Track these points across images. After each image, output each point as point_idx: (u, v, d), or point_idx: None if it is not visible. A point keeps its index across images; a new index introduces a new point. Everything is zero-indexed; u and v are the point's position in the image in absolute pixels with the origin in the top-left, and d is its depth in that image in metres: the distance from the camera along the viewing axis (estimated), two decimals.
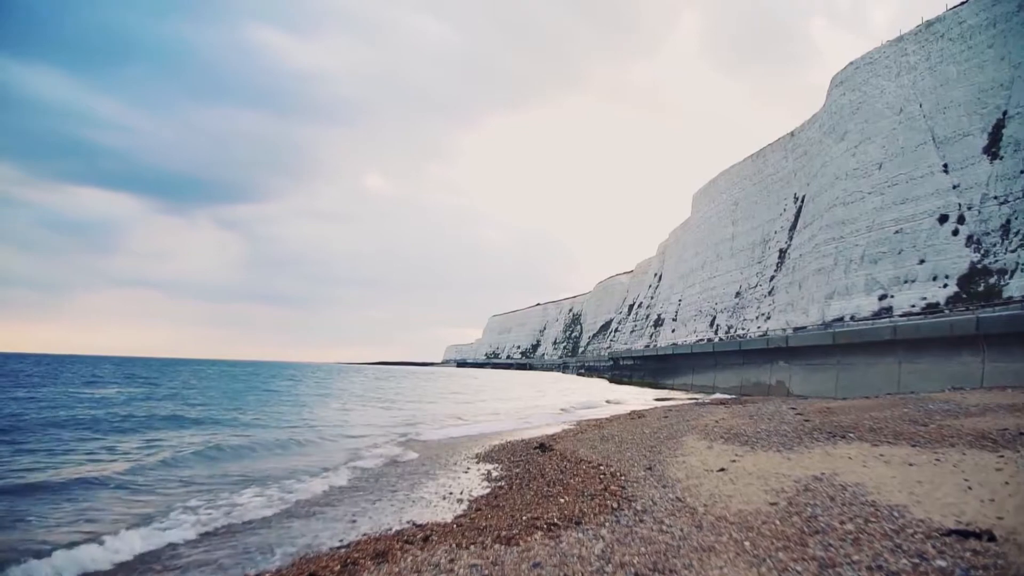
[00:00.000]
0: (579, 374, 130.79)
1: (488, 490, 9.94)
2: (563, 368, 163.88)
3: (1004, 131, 39.82)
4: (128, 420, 22.05)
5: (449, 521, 7.87)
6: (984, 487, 7.04)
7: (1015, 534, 5.34)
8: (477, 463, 12.98)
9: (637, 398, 42.14)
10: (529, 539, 6.29)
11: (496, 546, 6.15)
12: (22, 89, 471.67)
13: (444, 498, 9.74)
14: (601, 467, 10.64)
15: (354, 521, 8.63)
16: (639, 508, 7.36)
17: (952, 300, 37.81)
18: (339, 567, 6.07)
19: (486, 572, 5.34)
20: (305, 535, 8.08)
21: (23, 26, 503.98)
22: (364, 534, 7.71)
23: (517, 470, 11.47)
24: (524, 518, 7.37)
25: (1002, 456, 8.61)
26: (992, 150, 40.34)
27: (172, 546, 7.79)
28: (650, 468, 10.07)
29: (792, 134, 73.06)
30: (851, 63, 55.72)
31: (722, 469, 9.34)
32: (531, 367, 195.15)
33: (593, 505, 7.75)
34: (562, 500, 8.27)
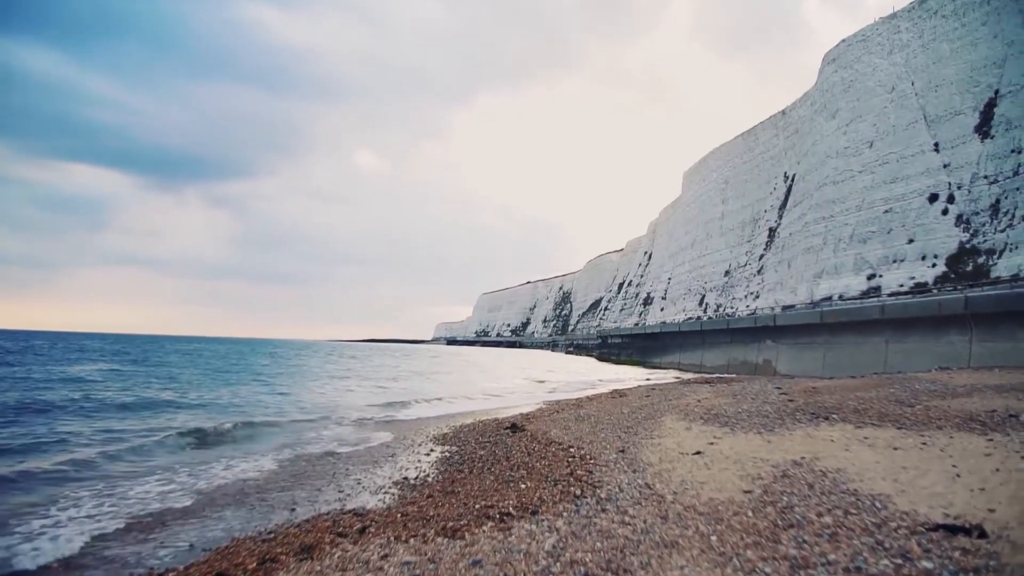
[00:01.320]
0: (568, 352, 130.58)
1: (446, 475, 9.33)
2: (552, 346, 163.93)
3: (996, 110, 39.29)
4: (84, 402, 20.34)
5: (395, 509, 7.30)
6: (973, 474, 6.53)
7: (1007, 530, 4.81)
8: (442, 445, 12.34)
9: (622, 376, 41.80)
10: (477, 531, 5.75)
11: (438, 539, 5.61)
12: (14, 65, 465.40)
13: (397, 483, 9.11)
14: (571, 449, 10.14)
15: (293, 509, 8.03)
16: (603, 496, 6.84)
17: (940, 280, 37.49)
18: (255, 564, 5.46)
19: (418, 572, 4.78)
20: (233, 525, 7.46)
21: (16, 2, 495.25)
22: (297, 524, 7.09)
23: (482, 452, 10.89)
24: (477, 506, 6.86)
25: (991, 440, 8.11)
26: (983, 129, 39.84)
27: (74, 541, 7.00)
28: (623, 451, 9.56)
29: (783, 112, 72.33)
30: (843, 40, 54.89)
31: (698, 452, 8.83)
32: (521, 345, 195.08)
33: (555, 492, 7.24)
34: (523, 486, 7.76)
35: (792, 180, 64.09)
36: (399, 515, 6.91)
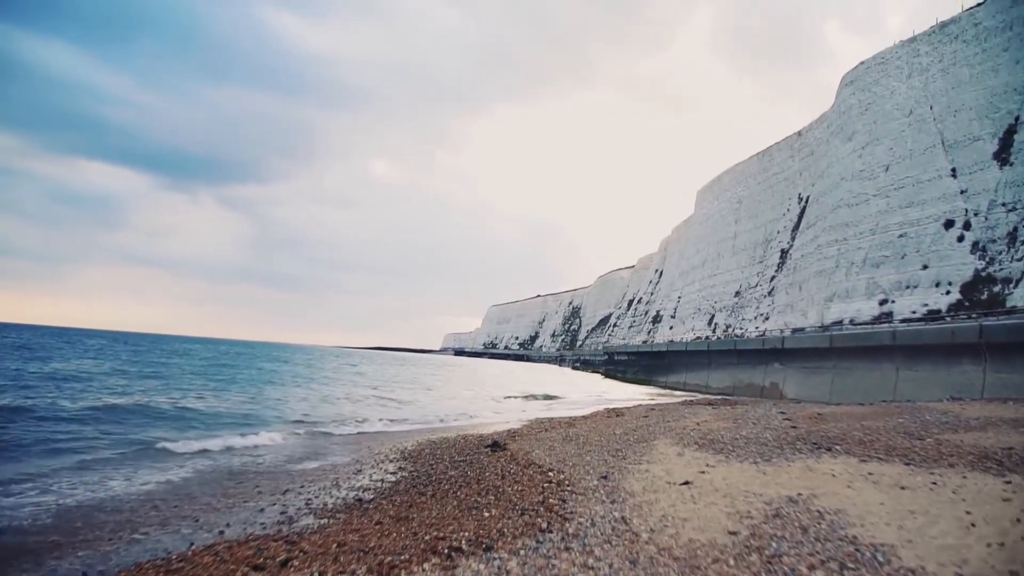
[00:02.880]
0: (574, 367, 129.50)
1: (406, 497, 8.57)
2: (560, 361, 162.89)
3: (1015, 136, 38.42)
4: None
5: (333, 537, 6.56)
6: (990, 524, 5.70)
7: None
8: (413, 463, 11.55)
9: (624, 394, 40.97)
10: (416, 569, 5.06)
11: None
12: (32, 62, 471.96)
13: (348, 506, 8.33)
14: (550, 473, 9.41)
15: (222, 532, 7.29)
16: (571, 531, 6.13)
17: (954, 307, 36.53)
18: None
19: None
20: (148, 548, 6.78)
21: None
22: (215, 550, 6.35)
23: (453, 472, 10.12)
24: (427, 538, 6.16)
25: (1009, 483, 7.26)
26: (1002, 156, 38.94)
27: None
28: (605, 477, 8.82)
29: (799, 133, 71.66)
30: (862, 63, 54.21)
31: (686, 483, 8.07)
32: (528, 359, 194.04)
33: (519, 523, 6.53)
34: (486, 514, 7.05)
35: (806, 202, 63.25)
36: (335, 544, 6.19)
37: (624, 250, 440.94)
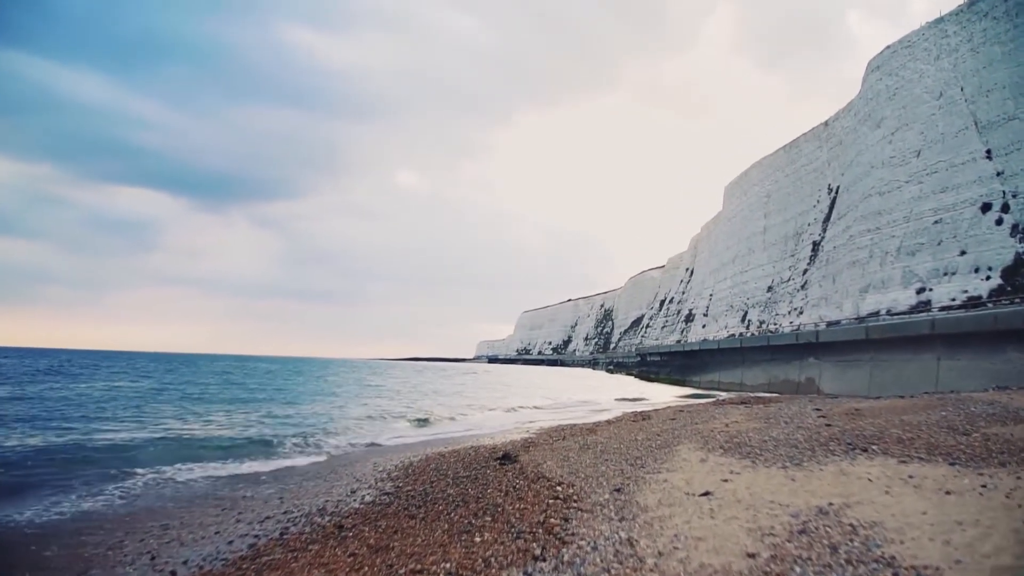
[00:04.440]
0: (608, 371, 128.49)
1: (393, 521, 8.03)
2: (593, 364, 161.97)
3: None
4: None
5: (299, 571, 6.24)
6: None
7: None
8: (411, 480, 10.99)
9: (654, 396, 40.37)
10: None
11: None
12: (65, 92, 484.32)
13: (327, 535, 7.73)
14: (559, 488, 8.82)
15: (174, 572, 6.97)
16: (567, 558, 5.57)
17: (996, 293, 35.44)
18: None
19: None
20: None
21: (65, 31, 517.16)
22: None
23: (451, 491, 9.52)
24: (403, 571, 5.75)
25: None
26: None
27: None
28: (619, 489, 8.25)
29: (826, 123, 70.50)
30: (888, 47, 53.11)
31: (706, 493, 7.55)
32: (562, 363, 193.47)
33: (511, 549, 6.08)
34: (477, 539, 6.60)
35: (836, 192, 62.11)
36: None
37: (654, 250, 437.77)
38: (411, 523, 7.78)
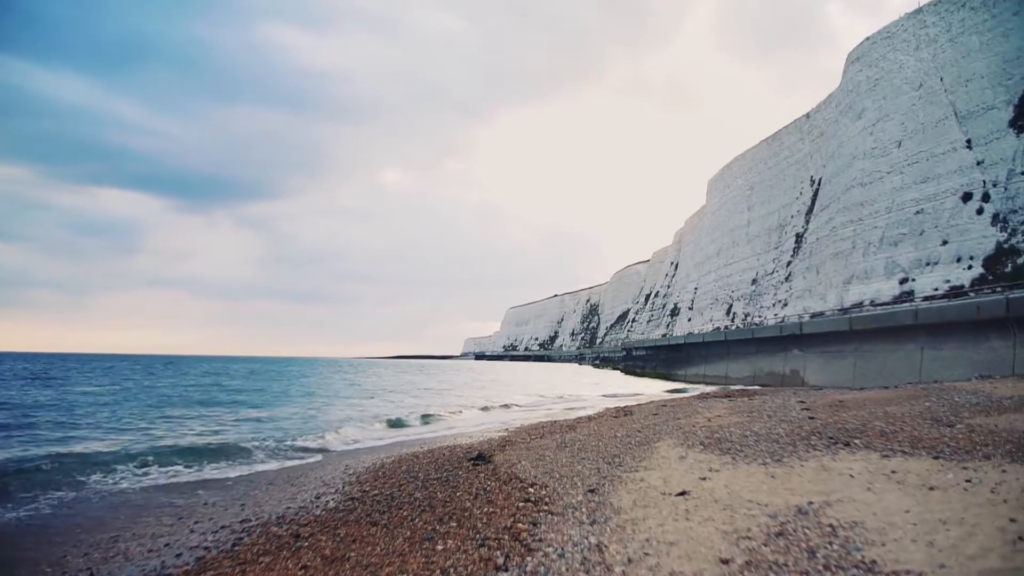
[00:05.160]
0: (594, 365, 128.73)
1: (353, 529, 7.58)
2: (579, 359, 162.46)
3: None
4: None
5: None
6: None
7: None
8: (379, 484, 10.48)
9: (638, 391, 40.13)
10: None
11: None
12: (45, 94, 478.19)
13: (280, 545, 7.26)
14: (531, 489, 8.50)
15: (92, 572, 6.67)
16: (531, 567, 5.28)
17: (978, 282, 35.43)
18: None
19: None
20: None
21: (44, 32, 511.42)
22: None
23: (419, 494, 9.09)
24: None
25: None
26: (1019, 123, 37.81)
27: None
28: (593, 490, 7.91)
29: (808, 115, 70.61)
30: (867, 38, 53.06)
31: (683, 493, 7.22)
32: (548, 359, 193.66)
33: (473, 559, 5.76)
34: (439, 547, 6.27)
35: (818, 184, 62.14)
36: None
37: (640, 244, 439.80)
38: (372, 531, 7.36)
